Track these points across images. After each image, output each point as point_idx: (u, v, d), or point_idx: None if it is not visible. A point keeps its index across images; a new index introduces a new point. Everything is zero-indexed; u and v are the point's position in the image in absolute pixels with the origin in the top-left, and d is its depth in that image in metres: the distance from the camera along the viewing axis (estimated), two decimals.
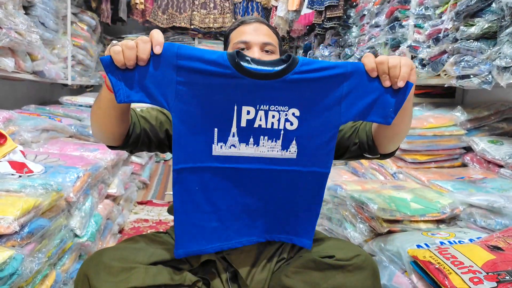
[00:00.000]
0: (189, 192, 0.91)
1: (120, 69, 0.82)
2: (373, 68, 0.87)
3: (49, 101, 3.30)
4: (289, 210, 0.98)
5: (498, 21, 1.53)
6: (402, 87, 0.87)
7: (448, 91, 2.42)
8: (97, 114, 0.96)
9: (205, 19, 5.02)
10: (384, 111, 0.89)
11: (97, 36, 4.07)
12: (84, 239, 1.47)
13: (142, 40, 0.82)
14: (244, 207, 0.96)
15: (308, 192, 0.96)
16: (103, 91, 0.91)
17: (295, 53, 5.10)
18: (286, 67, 0.87)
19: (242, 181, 0.94)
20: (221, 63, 0.84)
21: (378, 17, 2.67)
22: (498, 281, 0.92)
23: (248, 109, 0.88)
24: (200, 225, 0.94)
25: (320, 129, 0.91)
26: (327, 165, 0.95)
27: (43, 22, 2.64)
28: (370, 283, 0.93)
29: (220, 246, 0.97)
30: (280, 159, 0.93)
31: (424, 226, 1.37)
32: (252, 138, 0.91)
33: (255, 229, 0.98)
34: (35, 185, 1.19)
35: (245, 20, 1.15)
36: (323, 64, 0.88)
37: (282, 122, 0.90)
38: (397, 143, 1.07)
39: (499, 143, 1.83)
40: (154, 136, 1.09)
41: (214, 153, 0.91)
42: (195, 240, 0.94)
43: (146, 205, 2.79)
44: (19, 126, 1.79)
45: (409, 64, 0.86)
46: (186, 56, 0.84)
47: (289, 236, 1.00)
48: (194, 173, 0.90)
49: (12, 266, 0.95)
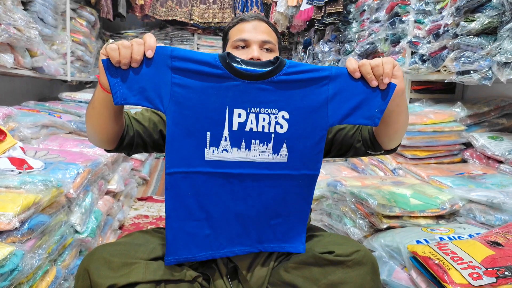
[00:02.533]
0: (181, 197, 0.92)
1: (118, 72, 0.84)
2: (354, 68, 0.90)
3: (48, 97, 3.30)
4: (280, 214, 0.98)
5: (498, 17, 1.53)
6: (385, 88, 0.91)
7: (448, 86, 2.41)
8: (91, 114, 0.98)
9: (204, 14, 5.00)
10: (370, 112, 0.92)
11: (96, 32, 4.06)
12: (84, 235, 1.48)
13: (137, 42, 0.84)
14: (236, 214, 0.96)
15: (298, 195, 0.98)
16: (97, 92, 0.93)
17: (295, 48, 5.09)
18: (273, 69, 0.90)
19: (234, 187, 0.94)
20: (213, 64, 0.87)
21: (378, 13, 2.66)
22: (497, 276, 0.92)
23: (240, 112, 0.90)
24: (191, 232, 0.94)
25: (309, 132, 0.93)
26: (316, 166, 0.96)
27: (42, 18, 2.63)
28: (370, 278, 0.93)
29: (211, 254, 0.97)
30: (271, 163, 0.94)
31: (423, 222, 1.37)
32: (243, 142, 0.92)
33: (247, 239, 0.98)
34: (35, 181, 1.19)
35: (244, 17, 1.15)
36: (308, 67, 0.91)
37: (273, 125, 0.92)
38: (398, 139, 1.09)
39: (499, 139, 1.83)
40: (148, 137, 1.10)
41: (207, 158, 0.91)
42: (186, 248, 0.95)
43: (146, 201, 2.80)
44: (18, 122, 1.79)
45: (391, 61, 0.90)
46: (179, 57, 0.86)
47: (281, 244, 1.01)
48: (186, 178, 0.91)
49: (13, 262, 0.96)
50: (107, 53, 0.84)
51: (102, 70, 0.85)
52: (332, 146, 1.18)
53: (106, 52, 0.84)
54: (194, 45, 5.22)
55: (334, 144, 1.17)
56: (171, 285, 0.92)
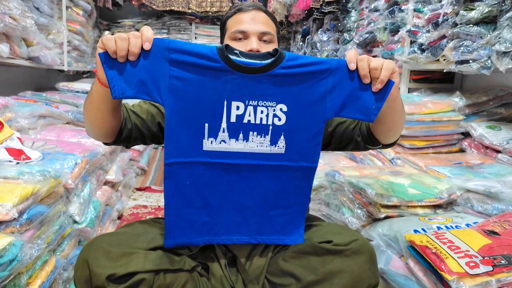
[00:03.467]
0: (180, 186, 0.93)
1: (116, 65, 0.84)
2: (350, 58, 0.90)
3: (45, 87, 3.27)
4: (279, 206, 0.99)
5: (498, 5, 1.52)
6: (381, 88, 0.90)
7: (447, 76, 2.41)
8: (89, 109, 0.97)
9: (202, 3, 4.95)
10: (366, 108, 0.92)
11: (92, 21, 4.01)
12: (83, 225, 1.48)
13: (134, 35, 0.83)
14: (234, 203, 0.97)
15: (297, 187, 0.99)
16: (95, 86, 0.93)
17: (294, 38, 5.06)
18: (272, 62, 0.89)
19: (232, 177, 0.95)
20: (211, 57, 0.87)
21: (377, 1, 2.64)
22: (494, 265, 0.93)
23: (238, 105, 0.90)
24: (190, 219, 0.96)
25: (307, 124, 0.93)
26: (314, 159, 0.97)
27: (38, 7, 2.60)
28: (368, 267, 0.94)
29: (209, 239, 0.99)
30: (269, 154, 0.94)
31: (421, 211, 1.38)
32: (241, 134, 0.92)
33: (246, 229, 1.00)
34: (33, 171, 1.19)
35: (242, 7, 1.13)
36: (308, 60, 0.90)
37: (271, 117, 0.92)
38: (394, 136, 1.10)
39: (497, 128, 1.83)
40: (146, 130, 1.10)
41: (205, 148, 0.92)
42: (184, 233, 0.97)
43: (144, 191, 2.80)
44: (15, 112, 1.78)
45: (391, 68, 0.89)
46: (177, 50, 0.86)
47: (280, 236, 1.02)
48: (185, 168, 0.92)
49: (12, 253, 0.96)
50: (103, 45, 0.83)
51: (100, 64, 0.85)
52: (332, 139, 1.18)
53: (102, 43, 0.83)
54: (191, 35, 5.18)
55: (334, 137, 1.18)
56: (170, 274, 0.93)
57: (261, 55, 0.91)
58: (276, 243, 1.03)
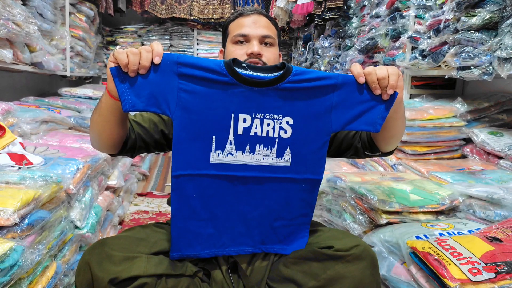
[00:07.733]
0: (187, 198, 0.94)
1: (126, 79, 0.86)
2: (359, 73, 0.92)
3: (48, 93, 3.28)
4: (283, 217, 1.00)
5: (499, 12, 1.52)
6: (392, 94, 0.93)
7: (448, 82, 2.41)
8: (98, 121, 0.99)
9: (204, 9, 4.98)
10: (372, 119, 0.94)
11: (95, 27, 4.04)
12: (84, 230, 1.48)
13: (145, 49, 0.86)
14: (240, 215, 0.98)
15: (301, 199, 1.00)
16: (104, 99, 0.95)
17: (295, 44, 5.08)
18: (280, 76, 0.91)
19: (238, 189, 0.96)
20: (218, 71, 0.88)
21: (378, 8, 2.65)
22: (497, 272, 0.93)
23: (245, 117, 0.91)
24: (196, 231, 0.97)
25: (312, 137, 0.95)
26: (319, 171, 0.98)
27: (41, 13, 2.62)
28: (369, 273, 0.93)
29: (215, 252, 1.00)
30: (275, 166, 0.96)
31: (423, 217, 1.37)
32: (248, 146, 0.94)
33: (250, 239, 1.00)
34: (34, 177, 1.19)
35: (243, 11, 1.15)
36: (314, 75, 0.92)
37: (277, 130, 0.93)
38: (394, 143, 1.11)
39: (499, 134, 1.83)
40: (149, 138, 1.12)
41: (212, 161, 0.93)
42: (190, 246, 0.97)
43: (146, 197, 2.80)
44: (18, 118, 1.79)
45: (396, 72, 0.92)
46: (185, 64, 0.87)
47: (284, 246, 1.03)
48: (192, 180, 0.93)
49: (13, 258, 0.96)
50: (115, 59, 0.86)
51: (110, 77, 0.87)
52: (332, 145, 1.18)
53: (114, 57, 0.86)
54: (193, 41, 5.21)
55: (334, 143, 1.18)
56: (172, 279, 0.93)
57: (268, 68, 0.93)
58: (279, 253, 1.04)
